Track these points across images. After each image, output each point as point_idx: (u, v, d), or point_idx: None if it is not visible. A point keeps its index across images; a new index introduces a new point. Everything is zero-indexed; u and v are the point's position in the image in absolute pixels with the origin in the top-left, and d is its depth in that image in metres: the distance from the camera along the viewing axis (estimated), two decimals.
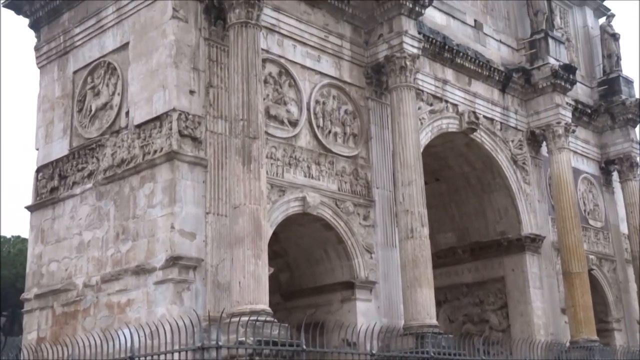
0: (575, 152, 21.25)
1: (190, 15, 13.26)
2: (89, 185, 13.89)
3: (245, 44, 12.76)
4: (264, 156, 12.63)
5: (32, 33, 16.25)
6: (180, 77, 12.84)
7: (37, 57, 15.96)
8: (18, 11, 16.11)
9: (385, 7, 15.75)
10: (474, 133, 18.26)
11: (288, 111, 14.26)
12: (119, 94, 13.83)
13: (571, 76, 19.91)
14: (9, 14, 16.45)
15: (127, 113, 13.51)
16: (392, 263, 15.03)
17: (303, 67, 14.78)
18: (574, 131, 20.35)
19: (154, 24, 13.35)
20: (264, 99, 13.39)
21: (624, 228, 22.33)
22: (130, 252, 12.79)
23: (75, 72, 14.95)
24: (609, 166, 22.61)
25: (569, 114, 19.97)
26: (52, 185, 14.73)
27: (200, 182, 12.64)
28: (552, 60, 19.72)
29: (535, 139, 19.84)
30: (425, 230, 14.76)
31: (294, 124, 14.30)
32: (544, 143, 19.75)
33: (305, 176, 14.19)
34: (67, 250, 14.06)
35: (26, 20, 16.20)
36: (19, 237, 42.54)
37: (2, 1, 16.18)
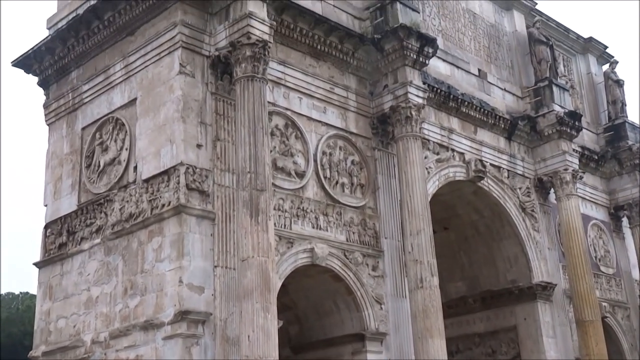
0: (583, 199, 21.20)
1: (197, 70, 13.42)
2: (98, 241, 13.88)
3: (251, 98, 12.88)
4: (271, 208, 12.62)
5: (40, 91, 16.44)
6: (187, 131, 12.93)
7: (45, 115, 16.12)
8: (27, 70, 16.32)
9: (390, 59, 15.92)
10: (482, 181, 18.25)
11: (295, 163, 14.30)
12: (127, 149, 13.92)
13: (577, 123, 19.99)
14: (18, 72, 16.61)
15: (135, 168, 13.57)
16: (403, 314, 14.86)
17: (309, 119, 14.88)
18: (581, 177, 20.34)
19: (162, 80, 13.51)
20: (271, 151, 13.45)
21: (635, 274, 22.13)
22: (139, 307, 12.70)
23: (83, 129, 15.08)
24: (619, 212, 22.53)
25: (576, 161, 19.99)
26: (60, 241, 14.73)
27: (208, 235, 12.61)
28: (557, 108, 19.81)
29: (543, 186, 19.81)
30: (435, 280, 14.64)
31: (301, 175, 14.33)
32: (552, 190, 19.72)
33: (313, 227, 14.16)
34: (75, 306, 13.98)
35: (35, 79, 16.40)
36: (27, 293, 42.45)
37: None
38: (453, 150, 17.72)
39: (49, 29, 16.26)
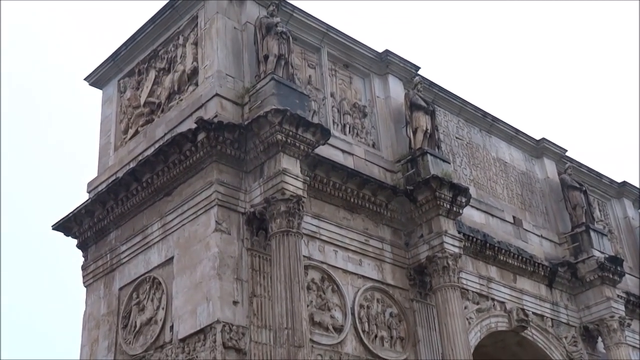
0: (634, 347, 20.33)
1: (233, 227, 13.55)
2: None
3: (287, 252, 12.89)
4: None
5: (78, 253, 16.66)
6: (223, 288, 12.87)
7: (84, 276, 16.23)
8: (67, 233, 16.61)
9: (424, 209, 15.98)
10: (525, 331, 17.71)
11: (332, 317, 14.07)
12: (163, 308, 13.84)
13: (619, 268, 19.57)
14: (58, 235, 16.96)
15: (172, 327, 13.43)
16: None
17: (345, 271, 14.78)
18: (629, 325, 19.63)
19: (198, 238, 13.63)
20: (308, 306, 13.28)
21: None
22: None
23: (121, 289, 15.10)
24: None
25: (622, 307, 19.38)
26: None
27: None
28: (597, 253, 19.50)
29: (589, 335, 19.13)
30: None
31: (339, 329, 14.05)
32: (599, 338, 19.03)
33: None
34: None
35: (74, 241, 16.67)
36: None
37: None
38: (493, 299, 17.36)
39: (89, 192, 16.72)
